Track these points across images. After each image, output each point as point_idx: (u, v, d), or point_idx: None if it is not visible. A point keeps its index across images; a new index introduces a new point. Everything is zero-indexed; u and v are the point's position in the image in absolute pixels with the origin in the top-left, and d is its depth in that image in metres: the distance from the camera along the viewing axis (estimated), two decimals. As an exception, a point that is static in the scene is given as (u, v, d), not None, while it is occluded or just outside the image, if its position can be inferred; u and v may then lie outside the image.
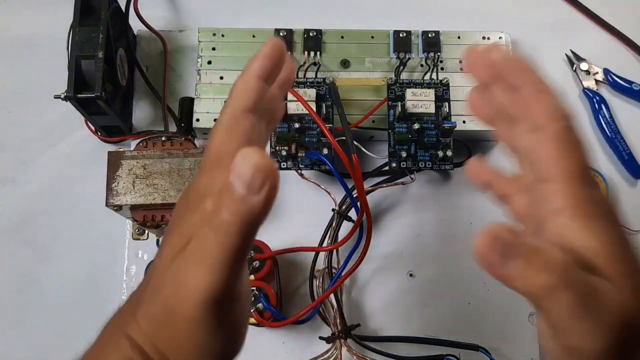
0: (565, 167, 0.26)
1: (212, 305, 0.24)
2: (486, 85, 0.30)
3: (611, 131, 0.56)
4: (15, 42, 0.59)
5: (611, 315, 0.24)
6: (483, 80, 0.30)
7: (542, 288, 0.23)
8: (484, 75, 0.29)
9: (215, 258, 0.24)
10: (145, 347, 0.26)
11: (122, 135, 0.53)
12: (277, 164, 0.48)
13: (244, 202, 0.22)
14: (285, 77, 0.32)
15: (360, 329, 0.49)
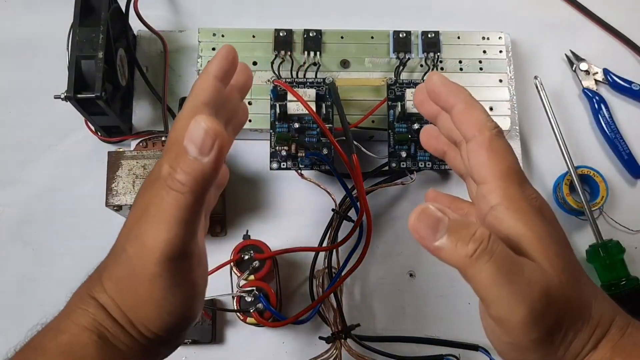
0: (496, 169, 0.30)
1: (170, 261, 0.27)
2: (435, 119, 0.35)
3: (611, 131, 0.56)
4: (15, 42, 0.59)
5: (533, 287, 0.26)
6: (430, 113, 0.35)
7: (468, 257, 0.26)
8: (429, 108, 0.34)
9: (171, 215, 0.26)
10: (107, 307, 0.29)
11: (122, 135, 0.53)
12: (277, 164, 0.48)
13: (196, 162, 0.26)
14: (244, 82, 0.37)
15: (360, 329, 0.49)
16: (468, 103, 0.32)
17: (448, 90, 0.32)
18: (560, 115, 0.56)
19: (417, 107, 0.36)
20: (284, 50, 0.53)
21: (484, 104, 0.52)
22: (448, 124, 0.34)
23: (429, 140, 0.37)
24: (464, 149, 0.32)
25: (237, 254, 0.47)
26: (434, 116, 0.35)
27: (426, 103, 0.34)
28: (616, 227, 0.54)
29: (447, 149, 0.36)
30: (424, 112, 0.36)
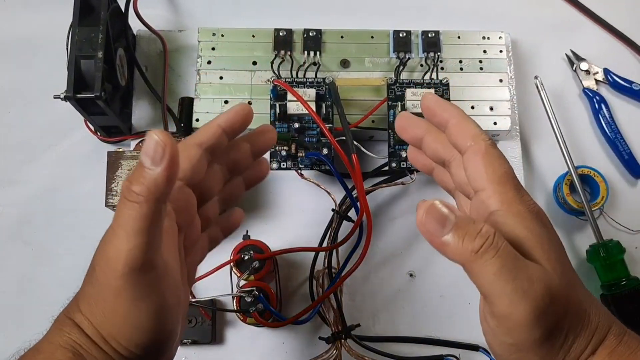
0: (493, 175, 0.31)
1: (132, 272, 0.27)
2: (419, 143, 0.36)
3: (611, 131, 0.56)
4: (15, 42, 0.59)
5: (536, 284, 0.27)
6: (413, 138, 0.36)
7: (474, 252, 0.27)
8: (412, 133, 0.36)
9: (129, 226, 0.27)
10: (82, 325, 0.30)
11: (122, 135, 0.53)
12: (277, 164, 0.48)
13: (149, 172, 0.27)
14: (264, 142, 0.37)
15: (360, 329, 0.49)
16: (462, 117, 0.33)
17: (443, 107, 0.34)
18: (560, 115, 0.56)
19: (400, 133, 0.37)
20: (283, 50, 0.53)
21: (484, 104, 0.52)
22: (434, 145, 0.35)
23: (416, 157, 0.39)
24: (455, 164, 0.34)
25: (237, 254, 0.47)
26: (417, 140, 0.36)
27: (409, 128, 0.36)
28: (616, 227, 0.54)
29: (435, 166, 0.38)
30: (407, 138, 0.37)
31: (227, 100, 0.52)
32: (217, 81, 0.53)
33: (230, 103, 0.52)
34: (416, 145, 0.37)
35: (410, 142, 0.37)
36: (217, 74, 0.53)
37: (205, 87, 0.53)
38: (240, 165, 0.37)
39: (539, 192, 0.56)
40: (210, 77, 0.53)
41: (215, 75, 0.53)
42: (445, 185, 0.37)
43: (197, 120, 0.52)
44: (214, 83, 0.53)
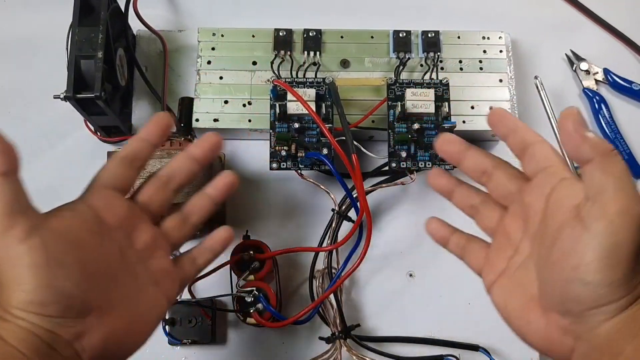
0: (559, 158, 0.33)
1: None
2: (459, 157, 0.37)
3: (611, 131, 0.56)
4: (15, 42, 0.59)
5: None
6: (459, 151, 0.37)
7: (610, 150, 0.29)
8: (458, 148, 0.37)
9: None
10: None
11: (122, 135, 0.53)
12: (277, 164, 0.48)
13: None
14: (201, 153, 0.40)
15: (360, 329, 0.49)
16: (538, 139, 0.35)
17: (524, 127, 0.35)
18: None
19: (442, 145, 0.37)
20: (283, 50, 0.53)
21: (484, 104, 0.53)
22: (478, 157, 0.37)
23: (439, 180, 0.39)
24: (501, 171, 0.36)
25: (237, 254, 0.47)
26: (458, 154, 0.37)
27: (453, 143, 0.37)
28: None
29: (456, 187, 0.39)
30: (449, 152, 0.37)
31: (227, 100, 0.52)
32: (217, 81, 0.53)
33: (230, 103, 0.52)
34: (453, 159, 0.37)
35: (451, 156, 0.37)
36: (217, 74, 0.53)
37: (205, 87, 0.53)
38: (188, 176, 0.40)
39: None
40: (210, 77, 0.53)
41: (215, 75, 0.53)
42: (464, 205, 0.38)
43: (197, 120, 0.52)
44: (214, 83, 0.53)
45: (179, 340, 0.49)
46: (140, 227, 0.37)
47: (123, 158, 0.37)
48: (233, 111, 0.52)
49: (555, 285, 0.30)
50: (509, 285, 0.34)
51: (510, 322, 0.33)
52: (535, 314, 0.32)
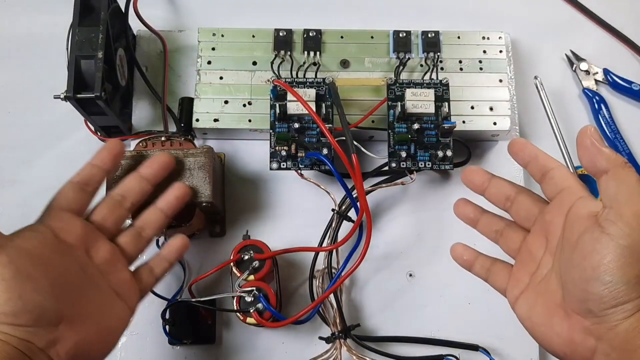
0: (576, 180, 0.36)
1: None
2: (483, 187, 0.40)
3: (611, 131, 0.56)
4: (15, 42, 0.59)
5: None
6: (483, 182, 0.40)
7: (624, 162, 0.32)
8: (483, 179, 0.40)
9: None
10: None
11: (122, 135, 0.53)
12: (277, 164, 0.48)
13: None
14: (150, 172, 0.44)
15: (360, 329, 0.49)
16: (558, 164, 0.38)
17: (544, 155, 0.37)
18: (560, 115, 0.56)
19: (468, 176, 0.41)
20: (283, 50, 0.53)
21: (484, 104, 0.52)
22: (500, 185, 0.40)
23: (464, 210, 0.42)
24: (522, 197, 0.39)
25: (237, 254, 0.47)
26: (482, 185, 0.40)
27: (478, 175, 0.40)
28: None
29: (481, 217, 0.42)
30: (474, 183, 0.41)
31: (227, 101, 0.52)
32: (217, 81, 0.53)
33: (231, 103, 0.52)
34: (478, 189, 0.41)
35: (475, 187, 0.41)
36: (217, 74, 0.53)
37: (205, 87, 0.53)
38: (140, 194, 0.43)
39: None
40: (210, 77, 0.53)
41: (215, 75, 0.53)
42: (488, 230, 0.41)
43: (197, 120, 0.52)
44: (214, 83, 0.53)
45: (179, 340, 0.49)
46: (97, 244, 0.40)
47: (76, 183, 0.41)
48: (233, 111, 0.52)
49: (576, 286, 0.32)
50: (532, 297, 0.36)
51: (534, 331, 0.36)
52: (558, 318, 0.34)
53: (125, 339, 0.50)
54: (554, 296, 0.34)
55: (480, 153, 0.55)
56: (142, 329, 0.50)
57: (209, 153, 0.47)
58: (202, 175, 0.47)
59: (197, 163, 0.47)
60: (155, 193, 0.44)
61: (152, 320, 0.50)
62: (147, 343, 0.50)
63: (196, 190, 0.46)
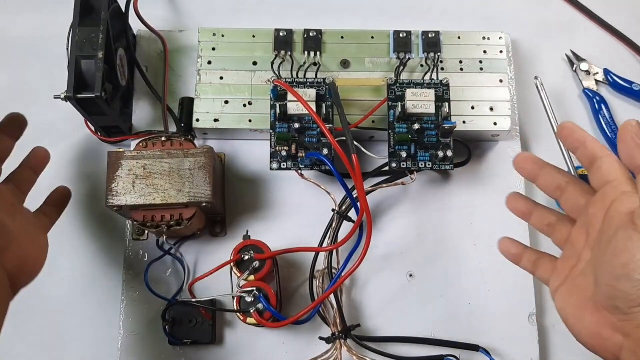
0: (623, 172, 0.35)
1: None
2: (535, 174, 0.40)
3: (611, 131, 0.56)
4: (15, 42, 0.59)
5: None
6: (534, 168, 0.40)
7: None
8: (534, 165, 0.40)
9: None
10: None
11: (122, 135, 0.53)
12: (277, 164, 0.48)
13: None
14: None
15: (360, 329, 0.49)
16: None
17: (592, 141, 0.37)
18: (560, 115, 0.56)
19: (521, 163, 0.40)
20: (284, 50, 0.53)
21: (484, 104, 0.53)
22: (553, 172, 0.39)
23: (516, 204, 0.42)
24: (572, 186, 0.38)
25: (237, 254, 0.47)
26: (534, 171, 0.40)
27: (529, 160, 0.40)
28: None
29: (534, 210, 0.41)
30: (526, 169, 0.40)
31: (227, 100, 0.52)
32: (217, 81, 0.53)
33: (231, 103, 0.52)
34: (530, 175, 0.40)
35: (527, 173, 0.40)
36: (217, 74, 0.53)
37: (205, 87, 0.53)
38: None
39: (539, 192, 0.55)
40: (210, 77, 0.53)
41: (216, 75, 0.53)
42: (541, 224, 0.41)
43: (197, 120, 0.52)
44: (214, 83, 0.53)
45: (179, 340, 0.49)
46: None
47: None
48: (233, 111, 0.52)
49: (606, 283, 0.32)
50: (568, 290, 0.36)
51: (567, 322, 0.36)
52: (588, 312, 0.34)
53: (126, 339, 0.50)
54: (587, 290, 0.34)
55: (481, 153, 0.55)
56: (142, 329, 0.50)
57: (209, 153, 0.47)
58: (202, 175, 0.47)
59: (197, 163, 0.47)
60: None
61: (152, 320, 0.50)
62: (147, 343, 0.50)
63: (194, 189, 0.46)
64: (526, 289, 0.51)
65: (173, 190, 0.46)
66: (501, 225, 0.53)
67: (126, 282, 0.51)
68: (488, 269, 0.52)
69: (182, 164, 0.47)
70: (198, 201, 0.46)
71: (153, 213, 0.47)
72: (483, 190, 0.54)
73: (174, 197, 0.46)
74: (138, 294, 0.51)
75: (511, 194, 0.42)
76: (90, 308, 0.52)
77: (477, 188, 0.54)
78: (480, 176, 0.54)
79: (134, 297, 0.51)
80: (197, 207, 0.47)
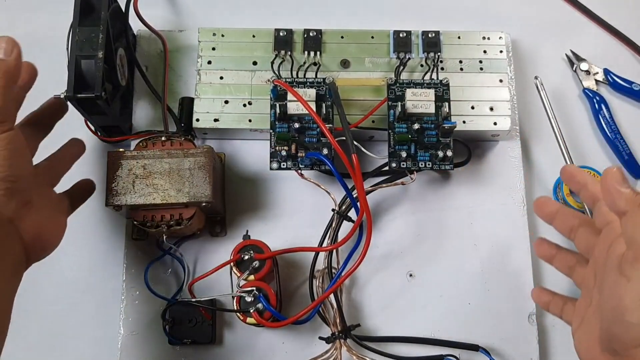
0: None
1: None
2: (552, 217, 0.42)
3: (611, 131, 0.56)
4: (15, 42, 0.59)
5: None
6: (551, 212, 0.42)
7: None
8: (550, 209, 0.42)
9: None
10: None
11: (122, 135, 0.53)
12: (277, 164, 0.48)
13: (3, 62, 0.37)
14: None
15: (360, 329, 0.49)
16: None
17: (593, 183, 0.38)
18: (560, 115, 0.56)
19: (539, 207, 0.43)
20: (284, 50, 0.53)
21: (484, 104, 0.52)
22: (567, 216, 0.41)
23: (541, 249, 0.44)
24: (583, 229, 0.40)
25: (237, 254, 0.47)
26: (551, 215, 0.42)
27: (548, 203, 0.42)
28: (616, 227, 0.54)
29: (556, 254, 0.43)
30: (543, 213, 0.43)
31: (227, 100, 0.52)
32: (218, 81, 0.53)
33: (231, 103, 0.52)
34: (547, 219, 0.42)
35: (545, 217, 0.43)
36: (218, 74, 0.53)
37: (205, 87, 0.53)
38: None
39: (539, 192, 0.56)
40: (210, 77, 0.53)
41: (216, 75, 0.53)
42: (563, 267, 0.42)
43: (198, 120, 0.52)
44: (214, 83, 0.53)
45: (179, 340, 0.49)
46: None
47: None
48: (233, 111, 0.52)
49: (604, 326, 0.33)
50: (584, 331, 0.38)
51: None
52: (597, 353, 0.35)
53: (126, 339, 0.50)
54: (596, 332, 0.35)
55: (481, 153, 0.55)
56: (142, 329, 0.50)
57: (209, 153, 0.47)
58: (202, 175, 0.47)
59: (197, 163, 0.47)
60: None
61: (152, 320, 0.50)
62: (147, 343, 0.50)
63: (194, 189, 0.46)
64: (526, 289, 0.51)
65: (173, 190, 0.46)
66: (501, 225, 0.53)
67: (126, 282, 0.51)
68: (488, 269, 0.52)
69: (182, 164, 0.47)
70: (198, 201, 0.46)
71: (153, 213, 0.47)
72: (483, 190, 0.54)
73: (174, 197, 0.46)
74: (138, 294, 0.51)
75: (537, 240, 0.45)
76: (90, 308, 0.52)
77: (477, 188, 0.54)
78: (481, 176, 0.54)
79: (134, 297, 0.51)
80: (197, 207, 0.47)
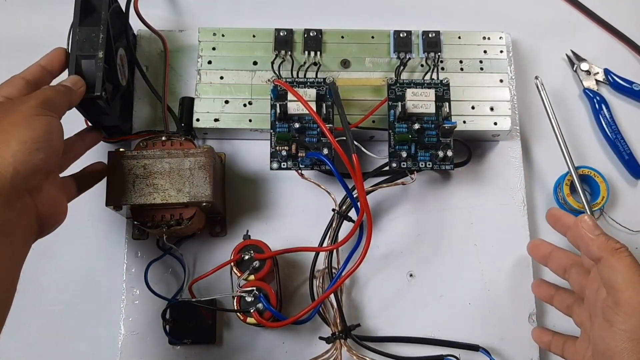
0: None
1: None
2: (546, 259, 0.45)
3: (611, 131, 0.56)
4: (15, 42, 0.59)
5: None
6: (545, 254, 0.46)
7: (615, 249, 0.35)
8: (544, 251, 0.46)
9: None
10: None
11: (122, 135, 0.53)
12: (277, 164, 0.48)
13: (72, 92, 0.43)
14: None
15: (360, 329, 0.49)
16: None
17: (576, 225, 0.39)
18: (560, 115, 0.56)
19: (533, 250, 0.47)
20: (284, 50, 0.53)
21: (485, 104, 0.52)
22: (561, 256, 0.44)
23: (540, 289, 0.47)
24: (575, 269, 0.42)
25: (237, 254, 0.47)
26: (546, 257, 0.45)
27: (541, 247, 0.46)
28: (617, 227, 0.54)
29: (555, 294, 0.46)
30: (538, 255, 0.47)
31: (227, 100, 0.52)
32: (218, 81, 0.53)
33: (231, 103, 0.52)
34: (541, 261, 0.45)
35: (539, 259, 0.46)
36: (218, 74, 0.53)
37: (205, 87, 0.53)
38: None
39: (539, 193, 0.56)
40: (210, 77, 0.53)
41: (216, 75, 0.53)
42: (562, 306, 0.45)
43: (198, 120, 0.52)
44: (214, 83, 0.53)
45: (179, 340, 0.49)
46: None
47: (27, 81, 0.43)
48: (233, 111, 0.52)
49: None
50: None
51: None
52: None
53: (126, 339, 0.50)
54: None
55: (481, 153, 0.55)
56: (142, 329, 0.50)
57: (209, 153, 0.47)
58: (202, 175, 0.47)
59: (197, 163, 0.47)
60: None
61: (152, 320, 0.50)
62: (147, 343, 0.50)
63: (194, 189, 0.46)
64: (526, 289, 0.51)
65: (173, 190, 0.46)
66: (501, 225, 0.53)
67: (126, 281, 0.51)
68: (488, 269, 0.52)
69: (183, 163, 0.47)
70: (198, 201, 0.46)
71: (153, 213, 0.47)
72: (483, 190, 0.54)
73: (174, 197, 0.46)
74: (138, 294, 0.51)
75: (536, 281, 0.47)
76: (91, 308, 0.52)
77: (477, 188, 0.54)
78: (481, 176, 0.54)
79: (134, 297, 0.51)
80: (197, 207, 0.47)
